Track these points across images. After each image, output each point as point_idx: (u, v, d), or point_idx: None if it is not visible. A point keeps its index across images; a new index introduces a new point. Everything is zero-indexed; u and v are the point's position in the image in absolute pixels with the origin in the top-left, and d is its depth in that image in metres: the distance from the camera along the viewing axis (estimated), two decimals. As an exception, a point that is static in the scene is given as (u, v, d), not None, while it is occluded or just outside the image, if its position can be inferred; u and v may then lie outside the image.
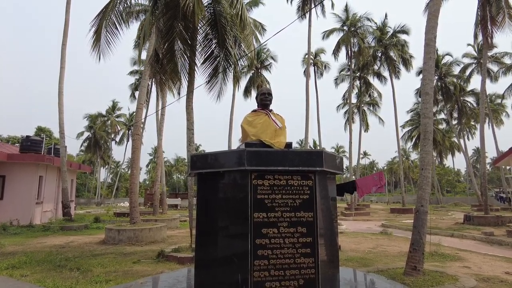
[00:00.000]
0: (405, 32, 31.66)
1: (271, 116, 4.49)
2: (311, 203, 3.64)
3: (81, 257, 8.39)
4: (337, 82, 34.09)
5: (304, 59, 34.27)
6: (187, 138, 9.28)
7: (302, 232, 3.56)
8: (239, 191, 3.57)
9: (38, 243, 10.91)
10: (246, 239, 3.40)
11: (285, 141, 4.27)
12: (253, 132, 4.34)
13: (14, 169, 15.51)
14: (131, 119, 52.67)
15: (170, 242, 10.94)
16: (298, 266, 3.48)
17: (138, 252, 9.22)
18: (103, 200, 50.26)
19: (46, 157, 15.96)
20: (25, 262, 7.56)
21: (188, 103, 9.39)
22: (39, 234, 13.07)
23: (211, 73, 9.97)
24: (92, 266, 7.27)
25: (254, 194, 3.51)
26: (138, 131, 12.24)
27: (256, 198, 3.51)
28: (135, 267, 7.34)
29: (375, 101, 35.92)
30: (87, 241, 11.38)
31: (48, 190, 17.35)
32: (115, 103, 49.40)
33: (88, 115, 48.55)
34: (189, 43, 9.45)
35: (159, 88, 9.99)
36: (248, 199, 3.48)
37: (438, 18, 6.84)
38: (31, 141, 16.84)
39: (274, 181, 3.58)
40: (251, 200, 3.48)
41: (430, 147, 6.50)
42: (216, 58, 10.00)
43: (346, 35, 28.98)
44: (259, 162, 3.56)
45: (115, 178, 63.81)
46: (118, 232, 10.64)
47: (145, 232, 10.76)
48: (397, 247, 10.20)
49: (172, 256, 7.86)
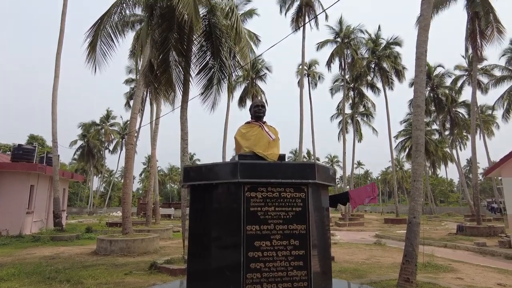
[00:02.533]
0: (398, 44, 32.19)
1: (265, 128, 4.53)
2: (304, 216, 3.65)
3: (72, 269, 8.25)
4: (332, 92, 34.41)
5: (298, 70, 34.60)
6: (181, 148, 9.27)
7: (294, 244, 3.57)
8: (232, 203, 3.58)
9: (28, 254, 10.71)
10: (239, 252, 3.40)
11: (278, 153, 4.31)
12: (247, 144, 4.38)
13: (5, 178, 15.30)
14: (125, 127, 52.45)
15: (163, 253, 10.81)
16: (290, 279, 3.48)
17: (130, 263, 9.09)
18: (96, 210, 49.66)
19: (38, 166, 15.78)
20: (13, 274, 7.40)
21: (183, 114, 9.41)
22: (28, 244, 12.85)
23: (206, 84, 10.02)
24: (82, 278, 7.15)
25: (247, 207, 3.52)
26: (132, 141, 12.20)
27: (249, 211, 3.52)
28: (127, 278, 7.24)
29: (369, 112, 36.28)
30: (78, 252, 11.20)
31: (39, 199, 17.11)
32: (109, 111, 49.25)
33: (82, 124, 48.28)
34: (184, 54, 9.51)
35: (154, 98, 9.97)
36: (241, 211, 3.49)
37: (429, 32, 6.99)
38: (23, 149, 16.66)
39: (267, 193, 3.60)
40: (244, 213, 3.49)
41: (422, 158, 6.57)
42: (211, 69, 10.07)
43: (340, 46, 29.38)
44: (252, 174, 3.58)
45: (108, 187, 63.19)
46: (110, 243, 10.50)
47: (137, 243, 10.63)
48: (390, 258, 10.20)
49: (165, 267, 7.77)
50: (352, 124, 35.52)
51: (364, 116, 36.92)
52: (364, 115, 36.80)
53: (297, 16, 25.27)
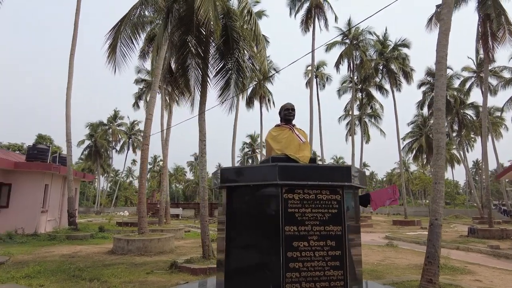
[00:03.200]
0: (406, 46, 32.18)
1: (295, 131, 4.64)
2: (340, 217, 3.75)
3: (93, 267, 8.40)
4: (340, 93, 34.44)
5: (306, 71, 34.70)
6: (199, 149, 9.39)
7: (331, 245, 3.66)
8: (270, 204, 3.68)
9: (46, 252, 10.90)
10: (278, 252, 3.50)
11: (309, 155, 4.41)
12: (278, 146, 4.48)
13: (21, 177, 15.54)
14: (131, 127, 52.85)
15: (179, 253, 10.96)
16: (328, 278, 3.58)
17: (149, 262, 9.23)
18: (103, 209, 50.00)
19: (52, 166, 16.00)
20: (39, 271, 7.57)
21: (201, 115, 9.54)
22: (45, 243, 13.05)
23: (223, 86, 10.14)
24: (106, 277, 7.29)
25: (285, 208, 3.62)
26: (147, 142, 12.35)
27: (287, 212, 3.62)
28: (150, 277, 7.37)
29: (377, 113, 36.26)
30: (95, 251, 11.37)
31: (53, 198, 17.35)
32: (116, 111, 49.62)
33: (89, 124, 48.66)
34: (202, 56, 9.65)
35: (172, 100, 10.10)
36: (279, 212, 3.59)
37: (449, 36, 7.06)
38: (37, 149, 16.90)
39: (303, 195, 3.70)
40: (282, 214, 3.59)
41: (443, 161, 6.64)
42: (228, 71, 10.19)
43: (349, 48, 29.42)
44: (290, 176, 3.69)
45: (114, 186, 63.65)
46: (127, 242, 10.65)
47: (154, 242, 10.78)
48: (405, 260, 10.25)
49: (185, 267, 7.89)
50: (360, 126, 35.51)
51: (372, 117, 36.91)
52: (372, 116, 36.79)
53: (306, 17, 25.36)
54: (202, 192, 9.13)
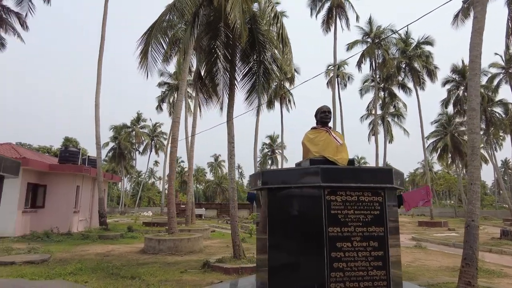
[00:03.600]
0: (429, 43, 31.47)
1: (332, 133, 4.72)
2: (382, 219, 3.81)
3: (129, 266, 8.73)
4: (362, 93, 34.05)
5: (327, 71, 34.50)
6: (228, 151, 9.59)
7: (374, 246, 3.73)
8: (313, 206, 3.78)
9: (82, 251, 11.36)
10: (322, 252, 3.60)
11: (347, 158, 4.48)
12: (316, 149, 4.57)
13: (55, 179, 16.24)
14: (154, 129, 54.00)
15: (208, 253, 11.19)
16: (371, 278, 3.65)
17: (180, 262, 9.49)
18: (127, 209, 51.30)
19: (83, 168, 16.65)
20: (80, 269, 7.94)
21: (229, 118, 9.73)
22: (79, 242, 13.58)
23: (250, 88, 10.29)
24: (142, 275, 7.57)
25: (328, 210, 3.71)
26: (175, 144, 12.66)
27: (330, 213, 3.72)
28: (184, 276, 7.60)
29: (400, 112, 35.61)
30: (127, 250, 11.76)
31: (83, 199, 18.03)
32: (139, 114, 50.83)
33: (113, 126, 50.03)
34: (230, 60, 9.85)
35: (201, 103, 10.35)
36: (322, 214, 3.69)
37: (483, 35, 6.94)
38: (69, 152, 17.64)
39: (346, 197, 3.78)
40: (325, 215, 3.69)
41: (478, 162, 6.55)
42: (254, 74, 10.34)
43: (371, 46, 29.06)
44: (332, 178, 3.78)
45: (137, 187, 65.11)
46: (158, 242, 10.97)
47: (184, 242, 11.06)
48: (435, 261, 10.10)
49: (218, 266, 8.09)
50: (383, 125, 34.96)
51: (395, 116, 36.27)
52: (395, 115, 36.15)
53: (327, 17, 25.25)
54: (232, 193, 9.31)
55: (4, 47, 20.79)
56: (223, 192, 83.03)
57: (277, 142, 58.80)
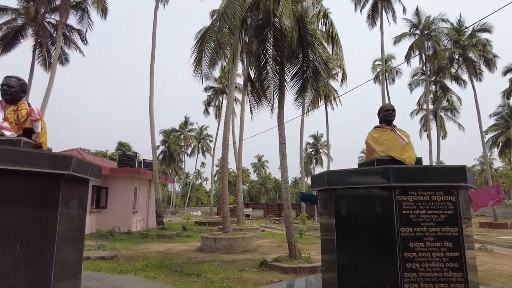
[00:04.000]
0: (487, 30, 29.18)
1: (396, 131, 4.64)
2: (456, 218, 3.70)
3: (189, 264, 9.17)
4: (412, 87, 32.51)
5: (373, 66, 33.45)
6: (280, 151, 9.71)
7: (448, 246, 3.63)
8: (384, 206, 3.77)
9: (144, 249, 12.11)
10: (395, 252, 3.58)
11: (415, 156, 4.39)
12: (381, 148, 4.52)
13: (115, 181, 17.44)
14: (200, 132, 55.85)
15: (262, 252, 11.40)
16: (447, 280, 3.56)
17: (237, 260, 9.78)
18: (177, 209, 53.49)
19: (140, 171, 17.72)
20: (146, 265, 8.51)
21: (280, 119, 9.85)
22: (139, 240, 14.48)
23: (299, 89, 10.34)
24: (204, 273, 7.92)
25: (399, 210, 3.68)
26: (227, 146, 13.05)
27: (402, 213, 3.68)
28: (244, 274, 7.84)
29: (453, 106, 33.47)
30: (185, 249, 12.33)
31: (141, 200, 19.17)
32: (186, 118, 52.86)
33: (162, 130, 52.44)
34: (279, 61, 9.97)
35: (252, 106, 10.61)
36: (393, 214, 3.67)
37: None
38: (127, 156, 18.89)
39: (417, 196, 3.73)
40: (397, 215, 3.67)
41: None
42: (304, 74, 10.36)
43: (420, 39, 27.68)
44: (402, 178, 3.74)
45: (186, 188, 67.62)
46: (215, 241, 11.39)
47: (238, 241, 11.37)
48: (507, 266, 9.42)
49: (275, 265, 8.24)
50: (435, 120, 33.08)
51: (448, 111, 34.15)
52: (448, 109, 34.04)
53: (372, 12, 24.48)
54: (285, 194, 9.42)
55: (68, 62, 22.71)
56: (268, 192, 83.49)
57: (321, 141, 58.00)
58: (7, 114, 3.99)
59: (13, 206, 3.42)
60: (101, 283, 5.00)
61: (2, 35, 19.76)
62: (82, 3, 20.52)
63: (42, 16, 20.34)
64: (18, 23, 20.23)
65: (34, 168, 3.47)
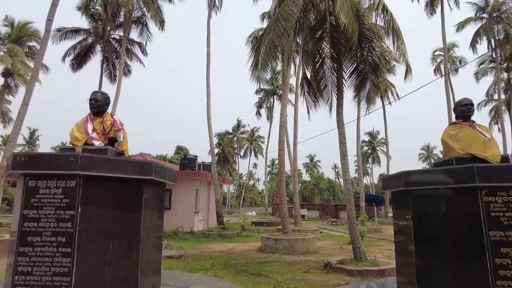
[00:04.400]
0: None
1: (476, 127, 4.31)
2: (557, 222, 3.34)
3: (253, 264, 9.33)
4: (478, 76, 29.84)
5: (433, 57, 31.32)
6: (341, 152, 9.50)
7: (549, 252, 3.29)
8: (468, 208, 3.53)
9: (207, 248, 12.58)
10: (484, 258, 3.33)
11: (499, 154, 4.04)
12: (460, 146, 4.23)
13: (178, 183, 18.20)
14: (252, 134, 56.73)
15: (323, 253, 11.24)
16: (549, 290, 3.22)
17: (299, 261, 9.76)
18: (232, 210, 54.84)
19: (201, 173, 18.47)
20: (213, 265, 8.84)
21: (339, 118, 9.64)
22: (202, 240, 15.09)
23: (358, 86, 10.03)
24: (269, 273, 8.02)
25: (487, 212, 3.42)
26: (283, 147, 13.09)
27: (490, 216, 3.41)
28: (308, 276, 7.79)
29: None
30: (246, 248, 12.59)
31: (201, 201, 19.97)
32: (239, 120, 54.07)
33: (217, 134, 54.15)
34: (336, 59, 9.78)
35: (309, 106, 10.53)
36: (480, 217, 3.41)
37: None
38: (188, 159, 19.83)
39: (508, 197, 3.43)
40: (484, 218, 3.41)
41: None
42: (362, 70, 10.04)
43: (488, 23, 25.32)
44: (489, 178, 3.47)
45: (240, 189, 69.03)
46: (275, 242, 11.47)
47: (299, 242, 11.34)
48: None
49: (340, 268, 8.08)
50: (509, 111, 30.01)
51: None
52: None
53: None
54: (348, 195, 9.19)
55: (130, 73, 24.44)
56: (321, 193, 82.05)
57: (377, 138, 55.60)
58: (94, 126, 4.43)
59: (105, 209, 3.77)
60: (177, 282, 5.29)
61: (76, 53, 21.87)
62: (141, 18, 21.98)
63: (108, 33, 22.16)
64: (89, 41, 22.27)
65: (122, 174, 3.80)
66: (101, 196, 3.75)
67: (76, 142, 4.26)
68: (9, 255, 3.71)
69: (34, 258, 3.47)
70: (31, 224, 3.52)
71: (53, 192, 3.60)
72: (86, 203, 3.56)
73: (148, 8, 20.48)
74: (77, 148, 4.06)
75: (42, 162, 3.63)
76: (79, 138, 4.26)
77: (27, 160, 3.62)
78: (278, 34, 9.57)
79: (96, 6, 21.81)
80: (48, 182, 3.61)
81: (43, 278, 3.42)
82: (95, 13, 21.93)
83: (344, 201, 76.43)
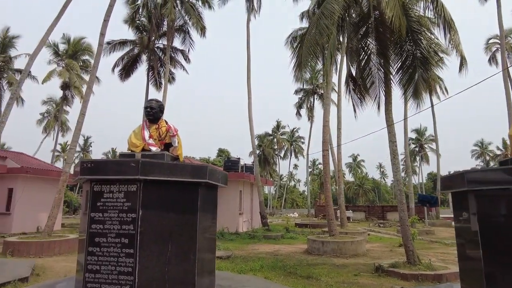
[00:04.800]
0: None
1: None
2: None
3: (301, 266, 9.24)
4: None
5: (487, 45, 29.15)
6: (391, 151, 9.15)
7: None
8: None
9: (253, 250, 12.67)
10: None
11: None
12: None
13: (222, 185, 18.72)
14: (292, 135, 56.42)
15: (373, 256, 10.87)
16: None
17: (348, 264, 9.51)
18: (274, 211, 54.86)
19: (244, 175, 18.69)
20: (261, 266, 8.88)
21: (388, 115, 9.29)
22: (247, 241, 15.23)
23: (407, 81, 9.60)
24: (318, 275, 7.89)
25: None
26: (327, 147, 12.86)
27: None
28: (360, 280, 7.57)
29: None
30: (292, 250, 12.51)
31: (245, 202, 20.20)
32: (278, 122, 54.04)
33: (257, 135, 54.54)
34: (383, 54, 9.44)
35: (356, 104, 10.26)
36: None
37: None
38: (231, 161, 20.18)
39: None
40: None
41: None
42: (411, 65, 9.60)
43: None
44: None
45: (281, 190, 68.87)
46: (322, 244, 11.29)
47: (347, 245, 11.06)
48: None
49: (393, 271, 7.76)
50: None
51: None
52: None
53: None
54: (399, 196, 8.81)
55: (174, 80, 25.38)
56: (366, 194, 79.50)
57: (425, 135, 52.84)
58: (151, 132, 4.64)
59: (164, 211, 3.93)
60: (230, 282, 5.38)
61: (124, 63, 23.15)
62: (183, 26, 22.75)
63: (152, 43, 23.20)
64: (135, 52, 23.47)
65: (179, 178, 3.94)
66: (160, 199, 3.91)
67: (134, 148, 4.50)
68: (80, 253, 4.00)
69: (102, 258, 3.71)
70: (97, 226, 3.76)
71: (116, 196, 3.83)
72: (146, 206, 3.74)
73: (189, 16, 21.15)
74: (136, 154, 4.29)
75: (107, 168, 3.87)
76: (137, 145, 4.49)
77: (93, 166, 3.88)
78: (320, 32, 9.44)
79: (142, 18, 22.93)
80: (111, 186, 3.85)
81: (110, 276, 3.64)
82: (140, 25, 23.09)
83: (390, 202, 73.29)
